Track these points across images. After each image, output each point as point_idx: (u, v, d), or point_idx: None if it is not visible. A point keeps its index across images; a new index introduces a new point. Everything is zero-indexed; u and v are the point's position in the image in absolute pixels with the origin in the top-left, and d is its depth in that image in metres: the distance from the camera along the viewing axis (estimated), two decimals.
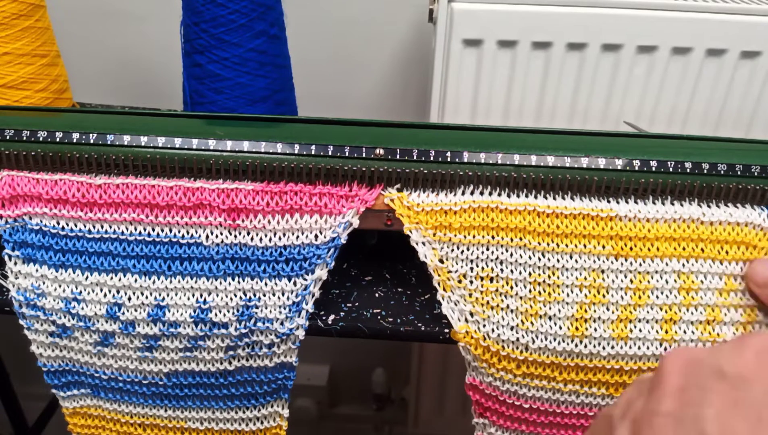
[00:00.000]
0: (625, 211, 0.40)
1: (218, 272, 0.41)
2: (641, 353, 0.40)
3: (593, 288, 0.40)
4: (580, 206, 0.40)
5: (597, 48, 0.64)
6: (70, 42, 0.70)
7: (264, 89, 0.57)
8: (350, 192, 0.41)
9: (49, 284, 0.42)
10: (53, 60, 0.60)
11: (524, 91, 0.67)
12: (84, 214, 0.41)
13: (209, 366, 0.43)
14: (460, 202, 0.41)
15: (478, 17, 0.62)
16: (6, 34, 0.54)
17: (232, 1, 0.53)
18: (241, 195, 0.41)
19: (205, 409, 0.46)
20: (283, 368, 0.43)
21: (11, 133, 0.42)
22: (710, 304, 0.40)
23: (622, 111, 0.68)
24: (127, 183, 0.41)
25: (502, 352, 0.40)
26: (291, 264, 0.41)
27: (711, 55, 0.64)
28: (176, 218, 0.41)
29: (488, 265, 0.40)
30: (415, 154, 0.41)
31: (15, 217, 0.42)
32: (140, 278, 0.41)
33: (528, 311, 0.40)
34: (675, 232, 0.40)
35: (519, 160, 0.41)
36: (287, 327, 0.41)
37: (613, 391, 0.42)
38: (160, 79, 0.94)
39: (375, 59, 0.90)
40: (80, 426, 0.48)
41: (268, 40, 0.56)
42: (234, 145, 0.42)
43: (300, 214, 0.41)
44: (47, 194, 0.41)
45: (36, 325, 0.43)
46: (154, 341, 0.42)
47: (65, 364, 0.45)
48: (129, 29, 0.90)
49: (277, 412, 0.46)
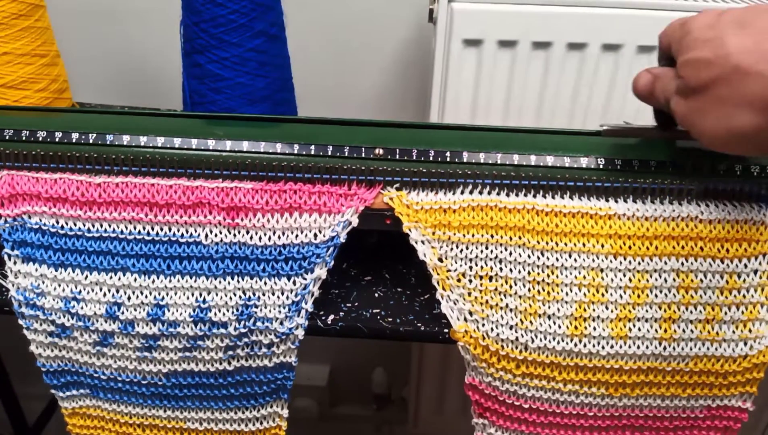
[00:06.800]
0: (623, 209, 0.40)
1: (217, 271, 0.41)
2: (640, 352, 0.40)
3: (592, 287, 0.40)
4: (579, 205, 0.40)
5: (597, 48, 0.64)
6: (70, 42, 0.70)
7: (264, 89, 0.57)
8: (349, 191, 0.41)
9: (49, 283, 0.42)
10: (53, 60, 0.60)
11: (524, 91, 0.67)
12: (83, 213, 0.41)
13: (208, 366, 0.43)
14: (459, 200, 0.41)
15: (478, 17, 0.62)
16: (6, 34, 0.54)
17: (231, 1, 0.52)
18: (241, 193, 0.41)
19: (204, 410, 0.46)
20: (282, 368, 0.43)
21: (11, 133, 0.42)
22: (710, 303, 0.40)
23: (622, 111, 0.68)
24: (127, 182, 0.41)
25: (502, 351, 0.40)
26: (290, 263, 0.41)
27: None
28: (175, 217, 0.41)
29: (487, 263, 0.40)
30: (414, 153, 0.41)
31: (14, 216, 0.42)
32: (140, 277, 0.41)
33: (527, 310, 0.40)
34: (674, 231, 0.40)
35: (518, 160, 0.41)
36: (287, 326, 0.41)
37: (612, 391, 0.41)
38: (160, 79, 0.94)
39: (375, 59, 0.90)
40: (79, 426, 0.48)
41: (268, 40, 0.56)
42: (233, 145, 0.42)
43: (299, 213, 0.41)
44: (46, 193, 0.41)
45: (35, 324, 0.43)
46: (154, 341, 0.42)
47: (64, 364, 0.45)
48: (129, 29, 0.90)
49: (277, 413, 0.46)
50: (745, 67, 0.33)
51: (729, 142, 0.36)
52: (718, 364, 0.40)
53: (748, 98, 0.34)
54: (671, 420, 0.43)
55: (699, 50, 0.36)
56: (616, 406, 0.42)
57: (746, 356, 0.40)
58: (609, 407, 0.42)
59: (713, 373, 0.41)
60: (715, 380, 0.41)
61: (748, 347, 0.40)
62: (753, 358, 0.40)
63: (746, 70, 0.33)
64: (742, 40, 0.34)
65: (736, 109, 0.34)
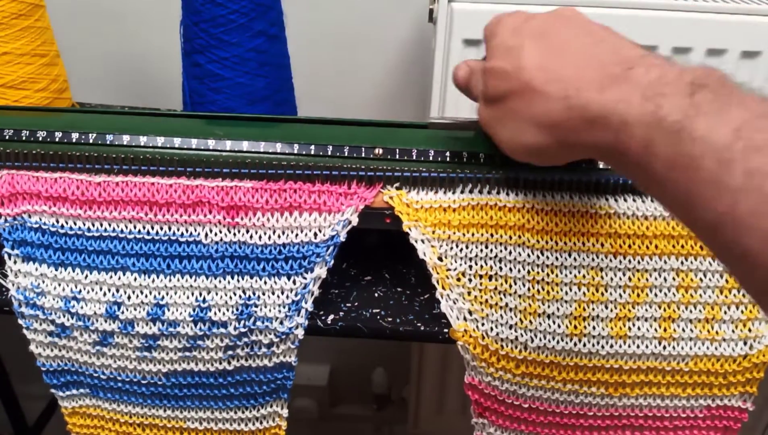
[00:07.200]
0: (623, 208, 0.40)
1: (217, 270, 0.41)
2: (640, 352, 0.40)
3: (592, 286, 0.40)
4: (578, 204, 0.40)
5: None
6: (70, 42, 0.70)
7: (263, 89, 0.57)
8: (349, 190, 0.41)
9: (49, 283, 0.42)
10: (53, 60, 0.60)
11: None
12: (83, 212, 0.41)
13: (208, 366, 0.43)
14: (459, 199, 0.41)
15: (478, 17, 0.62)
16: (5, 34, 0.54)
17: (231, 1, 0.52)
18: (240, 192, 0.41)
19: (204, 409, 0.46)
20: (282, 368, 0.43)
21: (10, 132, 0.42)
22: (709, 302, 0.40)
23: None
24: (126, 181, 0.41)
25: (501, 351, 0.40)
26: (290, 262, 0.41)
27: (711, 55, 0.64)
28: (175, 216, 0.41)
29: (487, 263, 0.40)
30: (414, 153, 0.41)
31: (14, 215, 0.42)
32: (139, 277, 0.41)
33: (527, 309, 0.40)
34: (674, 230, 0.40)
35: None
36: (287, 326, 0.41)
37: (612, 391, 0.41)
38: (159, 79, 0.94)
39: (375, 59, 0.90)
40: (79, 426, 0.48)
41: (268, 40, 0.56)
42: (233, 145, 0.42)
43: (299, 212, 0.41)
44: (46, 192, 0.41)
45: (35, 324, 0.43)
46: (153, 341, 0.42)
47: (64, 363, 0.45)
48: (129, 29, 0.90)
49: (277, 412, 0.46)
50: (535, 85, 0.33)
51: (524, 155, 0.36)
52: (717, 364, 0.40)
53: (536, 117, 0.33)
54: (671, 420, 0.43)
55: (499, 59, 0.35)
56: (616, 406, 0.42)
57: (746, 356, 0.40)
58: (609, 407, 0.42)
59: (713, 372, 0.41)
60: (715, 380, 0.41)
61: (747, 347, 0.40)
62: (753, 358, 0.40)
63: (535, 88, 0.33)
64: (537, 54, 0.33)
65: (526, 124, 0.34)
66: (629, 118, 0.28)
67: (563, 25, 0.34)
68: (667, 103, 0.27)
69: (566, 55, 0.32)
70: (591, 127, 0.31)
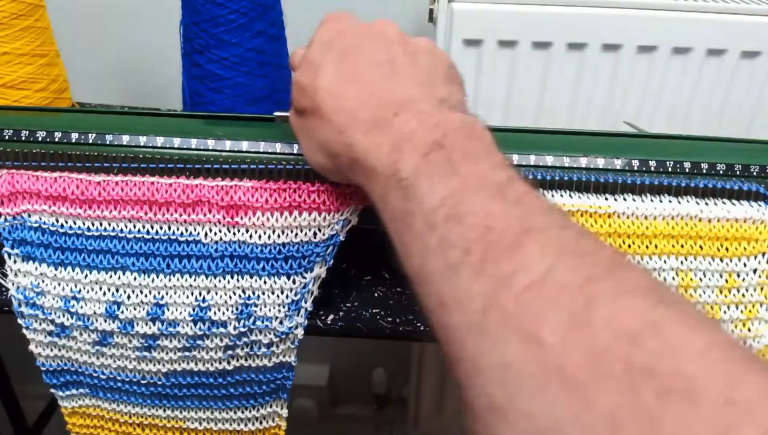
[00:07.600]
0: (623, 208, 0.40)
1: (217, 270, 0.41)
2: None
3: None
4: (578, 203, 0.40)
5: (597, 48, 0.64)
6: (70, 42, 0.70)
7: (263, 89, 0.57)
8: (349, 189, 0.41)
9: (49, 283, 0.42)
10: (52, 60, 0.60)
11: (524, 91, 0.67)
12: (83, 212, 0.41)
13: (208, 366, 0.43)
14: None
15: (478, 17, 0.62)
16: (5, 34, 0.54)
17: (231, 1, 0.53)
18: (240, 192, 0.41)
19: (203, 409, 0.46)
20: (282, 368, 0.43)
21: (10, 132, 0.42)
22: (709, 302, 0.40)
23: (622, 111, 0.68)
24: (126, 180, 0.41)
25: None
26: (290, 262, 0.41)
27: (711, 55, 0.64)
28: (175, 215, 0.41)
29: None
30: None
31: (14, 214, 0.42)
32: (139, 276, 0.41)
33: None
34: (673, 229, 0.40)
35: (518, 160, 0.41)
36: (286, 326, 0.41)
37: None
38: (159, 79, 0.94)
39: None
40: (79, 426, 0.48)
41: (268, 40, 0.56)
42: (233, 145, 0.42)
43: (299, 211, 0.41)
44: (46, 191, 0.41)
45: (35, 324, 0.43)
46: (153, 341, 0.42)
47: (64, 363, 0.45)
48: (129, 29, 0.90)
49: (276, 412, 0.46)
50: (324, 111, 0.32)
51: (320, 171, 0.36)
52: None
53: (321, 142, 0.34)
54: None
55: (303, 72, 0.35)
56: None
57: None
58: None
59: None
60: None
61: (747, 346, 0.40)
62: None
63: (324, 114, 0.32)
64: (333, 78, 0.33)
65: (316, 145, 0.34)
66: (377, 166, 0.29)
67: (372, 45, 0.34)
68: (404, 158, 0.28)
69: (355, 85, 0.32)
70: (354, 166, 0.31)
